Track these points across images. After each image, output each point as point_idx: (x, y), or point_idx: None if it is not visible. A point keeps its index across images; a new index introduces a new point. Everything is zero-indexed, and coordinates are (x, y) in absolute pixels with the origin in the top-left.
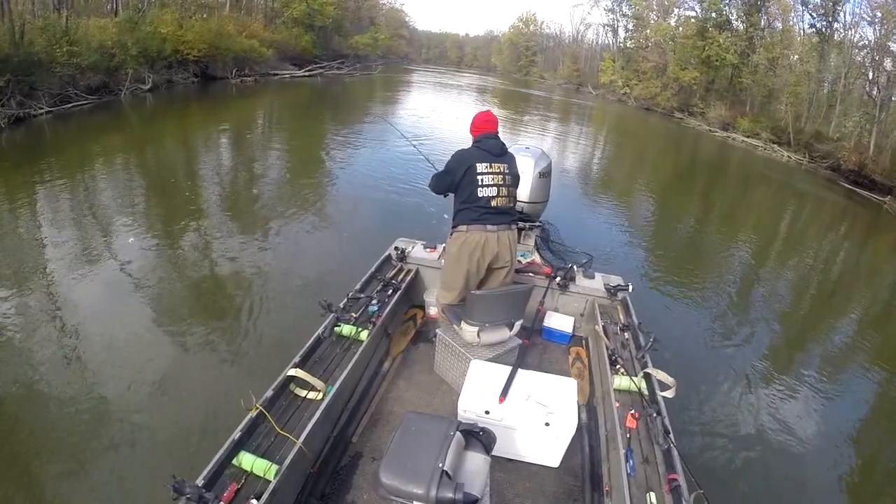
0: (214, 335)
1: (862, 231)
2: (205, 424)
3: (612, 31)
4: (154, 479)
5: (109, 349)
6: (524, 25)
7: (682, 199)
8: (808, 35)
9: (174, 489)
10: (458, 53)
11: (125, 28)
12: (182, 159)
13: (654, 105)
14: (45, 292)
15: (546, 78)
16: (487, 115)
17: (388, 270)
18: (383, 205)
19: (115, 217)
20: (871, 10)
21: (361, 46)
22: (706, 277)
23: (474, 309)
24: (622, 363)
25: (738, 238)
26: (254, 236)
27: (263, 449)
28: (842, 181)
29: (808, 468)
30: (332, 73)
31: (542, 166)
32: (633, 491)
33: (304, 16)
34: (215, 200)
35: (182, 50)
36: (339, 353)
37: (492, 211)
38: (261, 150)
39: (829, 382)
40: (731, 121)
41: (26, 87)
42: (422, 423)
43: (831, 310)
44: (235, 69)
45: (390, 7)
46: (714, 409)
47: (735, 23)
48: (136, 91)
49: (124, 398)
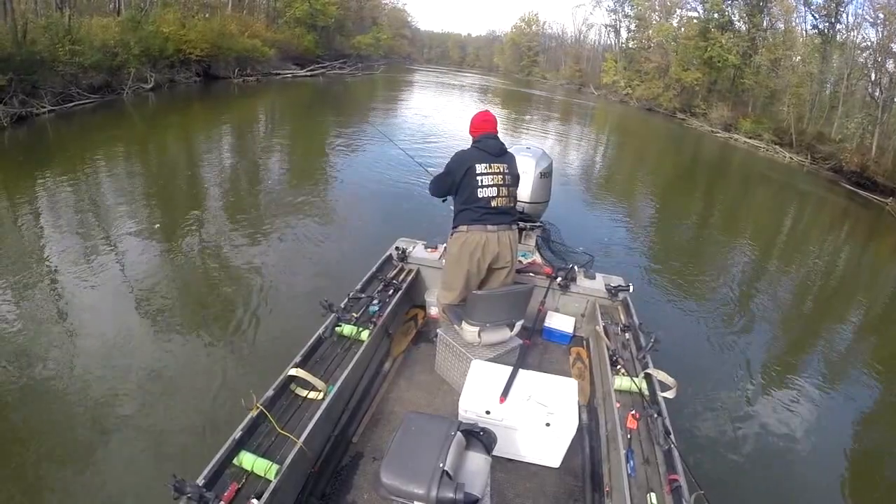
0: (215, 335)
1: (864, 233)
2: (205, 424)
3: (615, 31)
4: (155, 478)
5: (110, 349)
6: (526, 25)
7: (683, 199)
8: (811, 36)
9: (175, 489)
10: (460, 53)
11: (128, 27)
12: (184, 159)
13: (656, 106)
14: (46, 291)
15: (548, 78)
16: (486, 115)
17: (389, 270)
18: (384, 205)
19: (117, 217)
20: (874, 11)
21: (363, 46)
22: (707, 278)
23: (475, 309)
24: (623, 363)
25: (740, 239)
26: (254, 236)
27: (264, 448)
28: (844, 183)
29: (809, 469)
30: (334, 72)
31: (544, 166)
32: (633, 491)
33: (306, 16)
34: (217, 200)
35: (184, 49)
36: (340, 353)
37: (492, 211)
38: (263, 149)
39: (830, 384)
40: (734, 122)
41: (29, 85)
42: (422, 423)
43: (833, 312)
44: (238, 69)
45: (392, 7)
46: (715, 409)
47: (737, 23)
48: (139, 90)
49: (125, 398)
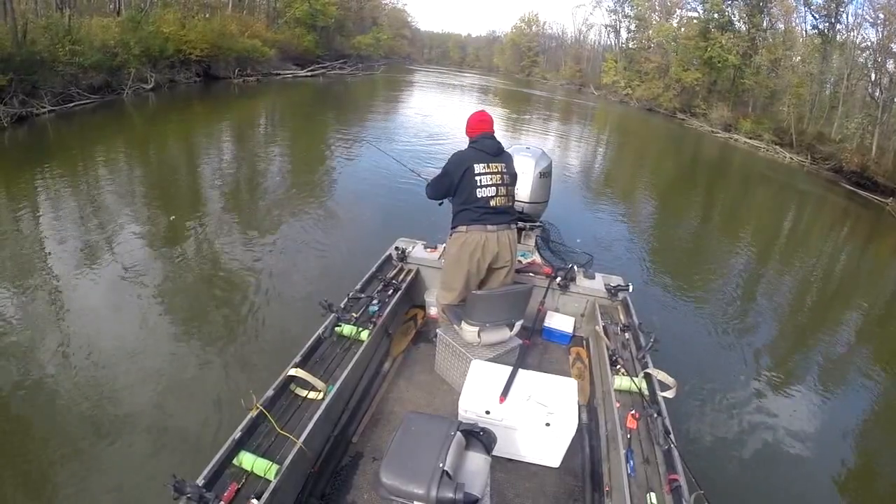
0: (215, 335)
1: (864, 233)
2: (205, 424)
3: (615, 31)
4: (154, 478)
5: (110, 348)
6: (526, 26)
7: (683, 199)
8: (811, 36)
9: (175, 489)
10: (460, 54)
11: (128, 27)
12: (184, 159)
13: (656, 106)
14: (46, 291)
15: (548, 78)
16: (482, 115)
17: (389, 270)
18: (384, 205)
19: (116, 216)
20: (874, 11)
21: (364, 46)
22: (707, 278)
23: (475, 309)
24: (623, 363)
25: (739, 239)
26: (253, 237)
27: (264, 449)
28: (844, 183)
29: (809, 469)
30: (334, 73)
31: (543, 166)
32: (633, 491)
33: (306, 16)
34: (216, 202)
35: (184, 49)
36: (340, 353)
37: (491, 211)
38: (262, 150)
39: (830, 384)
40: (734, 122)
41: (29, 85)
42: (422, 423)
43: (832, 312)
44: (238, 69)
45: (392, 7)
46: (715, 409)
47: (737, 24)
48: (139, 90)
49: (125, 398)
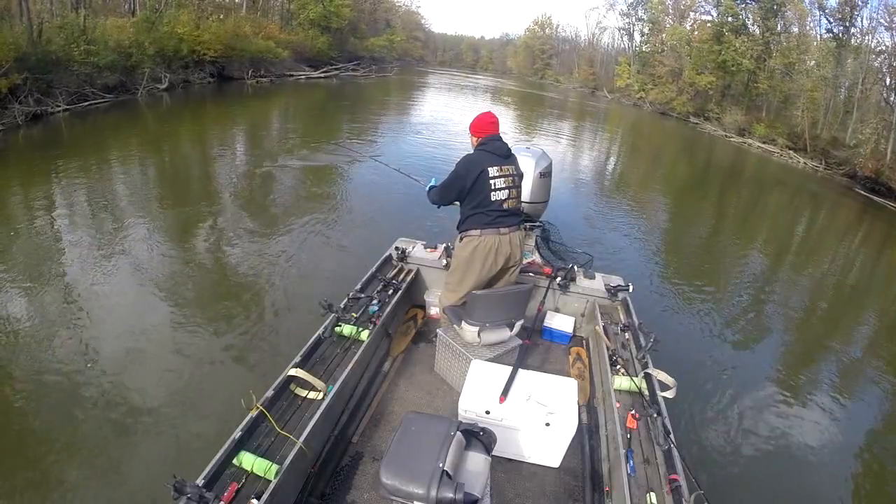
0: (215, 335)
1: (878, 239)
2: (205, 424)
3: (628, 34)
4: (154, 478)
5: (110, 348)
6: (540, 28)
7: (692, 202)
8: (825, 40)
9: (175, 489)
10: (473, 56)
11: (142, 28)
12: (196, 159)
13: (669, 110)
14: (50, 288)
15: (561, 81)
16: (490, 116)
17: (389, 270)
18: (384, 205)
19: (126, 215)
20: (889, 15)
21: (377, 48)
22: (710, 280)
23: (475, 309)
24: (623, 363)
25: (747, 242)
26: (256, 236)
27: (264, 449)
28: (858, 188)
29: (809, 469)
30: (347, 74)
31: (543, 166)
32: (633, 491)
33: (320, 17)
34: (223, 200)
35: (199, 50)
36: (340, 353)
37: (504, 213)
38: (272, 150)
39: (832, 385)
40: (747, 126)
41: (44, 84)
42: (422, 423)
43: (837, 317)
44: (251, 70)
45: (406, 9)
46: (715, 409)
47: (751, 27)
48: (153, 90)
49: (125, 397)
